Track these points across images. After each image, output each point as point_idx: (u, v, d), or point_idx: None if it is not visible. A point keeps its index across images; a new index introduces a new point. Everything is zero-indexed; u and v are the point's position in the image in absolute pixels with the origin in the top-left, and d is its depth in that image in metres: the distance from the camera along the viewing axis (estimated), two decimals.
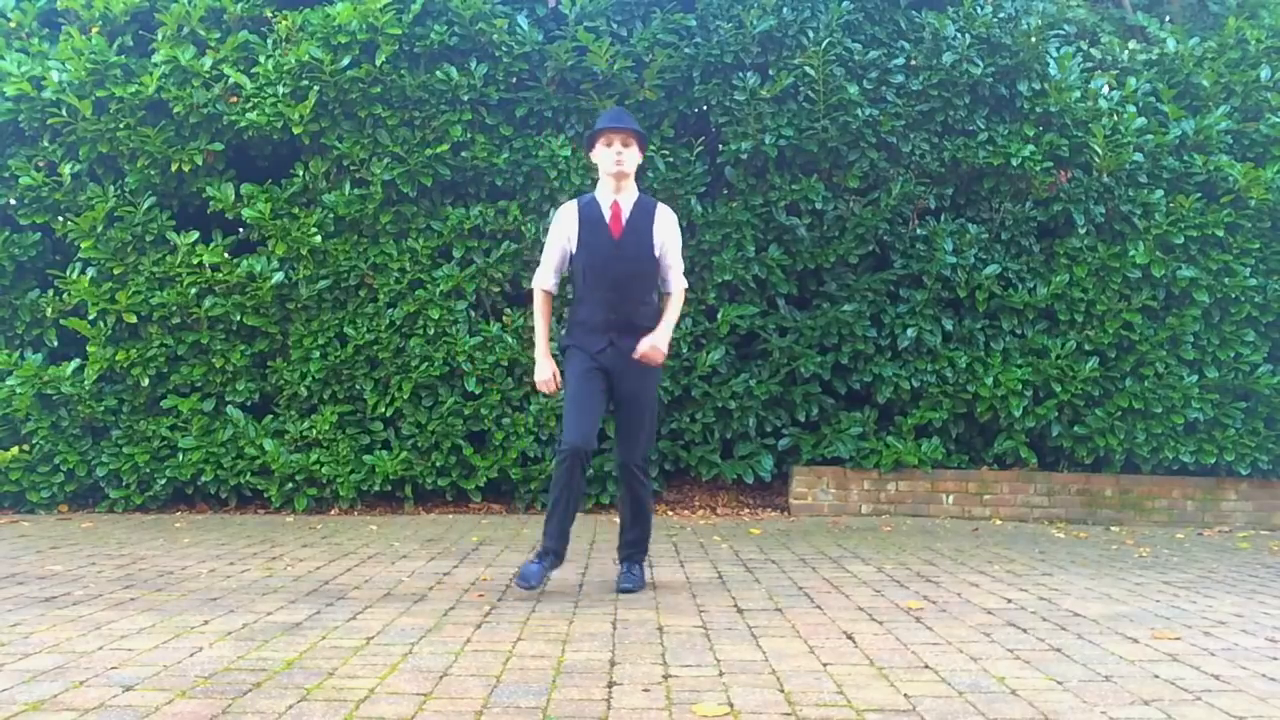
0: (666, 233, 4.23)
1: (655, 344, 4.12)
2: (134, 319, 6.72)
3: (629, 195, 4.21)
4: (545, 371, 4.21)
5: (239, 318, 6.73)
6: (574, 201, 4.29)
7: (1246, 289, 7.05)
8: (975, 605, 4.05)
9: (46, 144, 6.78)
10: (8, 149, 6.84)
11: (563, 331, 4.36)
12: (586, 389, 4.09)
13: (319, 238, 6.70)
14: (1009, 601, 4.13)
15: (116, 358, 6.70)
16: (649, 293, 4.22)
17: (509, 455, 6.78)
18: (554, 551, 4.14)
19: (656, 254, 4.18)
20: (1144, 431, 7.02)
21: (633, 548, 4.35)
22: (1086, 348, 7.05)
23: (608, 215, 4.17)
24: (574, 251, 4.20)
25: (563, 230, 4.24)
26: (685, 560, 5.08)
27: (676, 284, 4.30)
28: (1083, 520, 7.05)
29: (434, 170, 6.77)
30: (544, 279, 4.29)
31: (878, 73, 6.96)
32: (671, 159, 6.90)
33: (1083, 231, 7.07)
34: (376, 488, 6.75)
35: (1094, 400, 7.08)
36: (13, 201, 6.90)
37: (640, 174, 6.73)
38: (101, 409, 6.76)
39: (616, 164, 4.15)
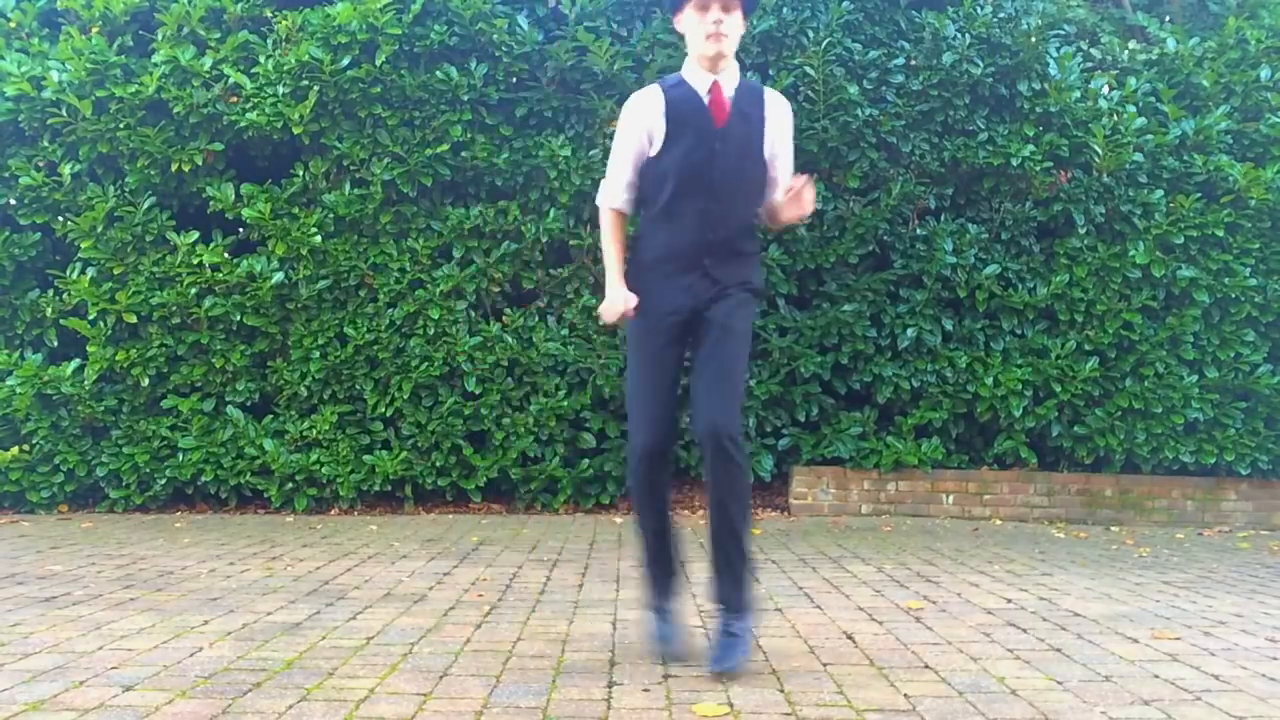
0: (781, 126, 3.19)
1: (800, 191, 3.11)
2: (134, 319, 6.72)
3: (730, 77, 3.11)
4: (617, 297, 3.09)
5: (239, 318, 6.73)
6: (654, 85, 3.15)
7: (1246, 289, 7.05)
8: (975, 605, 4.04)
9: (46, 144, 6.77)
10: (8, 149, 6.84)
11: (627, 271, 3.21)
12: (657, 371, 3.11)
13: (319, 238, 6.70)
14: (1009, 601, 4.13)
15: (116, 358, 6.70)
16: (755, 207, 3.20)
17: (509, 455, 6.78)
18: (663, 589, 3.30)
19: (767, 154, 3.15)
20: (1144, 431, 7.02)
21: (725, 575, 3.09)
22: (1086, 348, 7.05)
23: (706, 99, 3.08)
24: (655, 153, 3.09)
25: (641, 123, 3.10)
26: (685, 560, 5.07)
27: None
28: (1083, 520, 7.04)
29: (434, 170, 6.77)
30: (614, 195, 3.18)
31: (878, 73, 6.96)
32: None
33: (1083, 231, 7.06)
34: (376, 488, 6.75)
35: (1094, 400, 7.08)
36: (13, 201, 6.89)
37: None
38: (101, 409, 6.76)
39: (715, 38, 3.03)
